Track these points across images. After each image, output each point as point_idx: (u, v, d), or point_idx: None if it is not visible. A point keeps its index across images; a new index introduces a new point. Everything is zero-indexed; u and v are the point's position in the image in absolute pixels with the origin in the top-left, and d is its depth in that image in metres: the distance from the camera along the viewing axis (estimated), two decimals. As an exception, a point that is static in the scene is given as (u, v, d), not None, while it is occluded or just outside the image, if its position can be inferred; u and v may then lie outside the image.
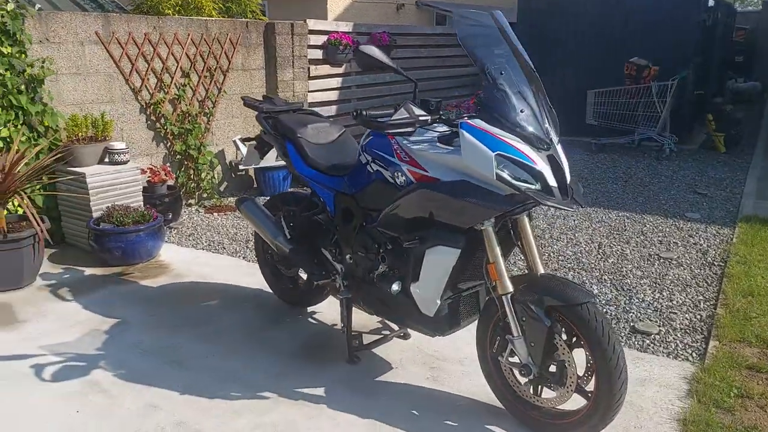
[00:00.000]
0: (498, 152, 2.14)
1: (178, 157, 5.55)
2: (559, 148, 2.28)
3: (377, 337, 3.10)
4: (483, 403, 2.61)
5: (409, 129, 2.29)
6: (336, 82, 7.08)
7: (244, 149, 5.80)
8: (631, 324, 3.34)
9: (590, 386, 2.26)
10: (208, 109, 5.75)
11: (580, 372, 2.29)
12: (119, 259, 4.14)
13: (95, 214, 4.30)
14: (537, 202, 2.15)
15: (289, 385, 2.75)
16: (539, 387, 2.39)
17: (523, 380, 2.41)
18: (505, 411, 2.51)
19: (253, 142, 3.42)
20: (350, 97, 7.39)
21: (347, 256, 2.85)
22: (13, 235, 3.72)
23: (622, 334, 3.23)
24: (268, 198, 3.53)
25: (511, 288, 2.30)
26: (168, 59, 5.34)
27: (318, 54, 6.78)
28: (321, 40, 6.80)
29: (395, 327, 3.17)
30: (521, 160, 2.16)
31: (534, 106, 2.25)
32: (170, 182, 5.22)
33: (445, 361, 2.95)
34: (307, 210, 3.09)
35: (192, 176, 5.67)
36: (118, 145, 4.55)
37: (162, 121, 5.36)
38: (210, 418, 2.51)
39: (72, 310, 3.50)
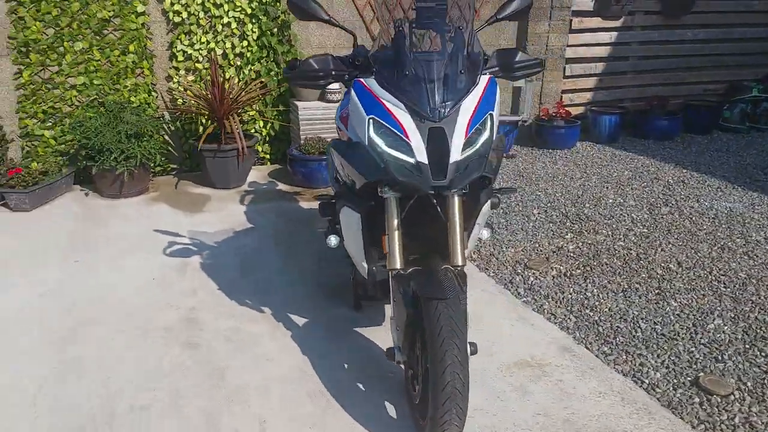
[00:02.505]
0: (372, 116, 2.00)
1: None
2: (459, 120, 1.98)
3: None
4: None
5: (320, 82, 2.26)
6: (608, 36, 6.37)
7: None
8: (699, 374, 2.54)
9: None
10: (446, 58, 5.98)
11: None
12: (302, 181, 4.92)
13: (301, 142, 5.14)
14: (392, 179, 1.95)
15: (290, 306, 3.07)
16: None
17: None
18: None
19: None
20: (628, 55, 6.56)
21: None
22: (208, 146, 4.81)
23: (676, 381, 2.51)
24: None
25: (397, 265, 2.13)
26: (410, 9, 5.72)
27: (587, 5, 6.20)
28: (596, -11, 6.19)
29: None
30: (391, 128, 1.97)
31: (427, 69, 1.98)
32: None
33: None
34: None
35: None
36: (333, 85, 5.25)
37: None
38: (211, 307, 3.05)
39: (236, 211, 4.43)
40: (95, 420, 2.27)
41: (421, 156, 1.96)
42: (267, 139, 5.52)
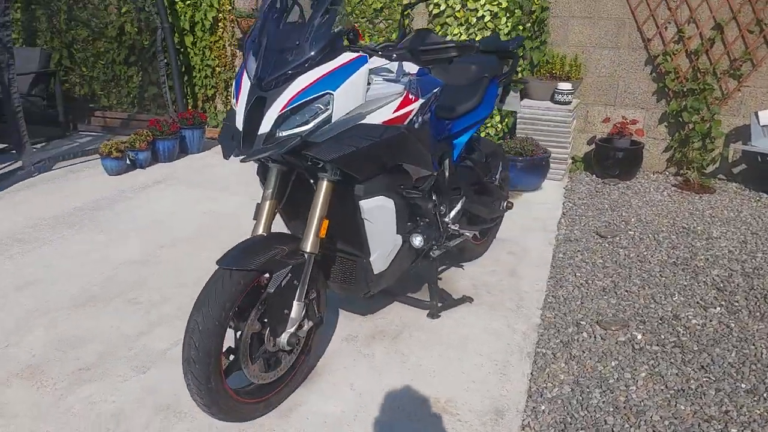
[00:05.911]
0: (236, 79, 2.07)
1: (678, 118, 4.97)
2: (284, 93, 1.88)
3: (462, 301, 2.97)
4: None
5: None
6: None
7: (758, 126, 4.57)
8: None
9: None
10: (738, 71, 4.71)
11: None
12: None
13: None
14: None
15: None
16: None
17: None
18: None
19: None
20: None
21: None
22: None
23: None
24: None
25: (259, 230, 2.18)
26: (699, 8, 4.72)
27: None
28: None
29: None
30: (234, 92, 2.01)
31: (267, 38, 1.93)
32: (638, 138, 4.93)
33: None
34: None
35: (689, 143, 4.96)
36: (564, 86, 4.80)
37: (671, 75, 4.90)
38: (236, 239, 3.43)
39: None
40: (102, 273, 2.99)
41: (239, 122, 1.97)
42: (501, 134, 5.41)
